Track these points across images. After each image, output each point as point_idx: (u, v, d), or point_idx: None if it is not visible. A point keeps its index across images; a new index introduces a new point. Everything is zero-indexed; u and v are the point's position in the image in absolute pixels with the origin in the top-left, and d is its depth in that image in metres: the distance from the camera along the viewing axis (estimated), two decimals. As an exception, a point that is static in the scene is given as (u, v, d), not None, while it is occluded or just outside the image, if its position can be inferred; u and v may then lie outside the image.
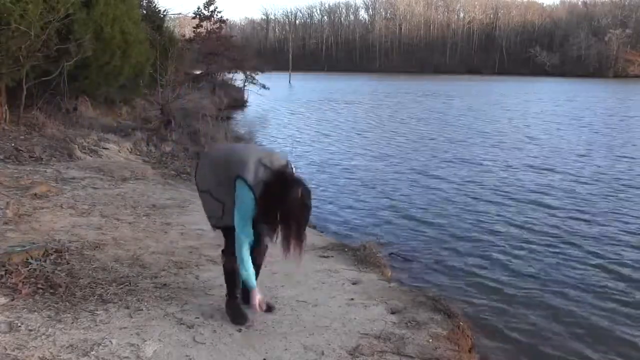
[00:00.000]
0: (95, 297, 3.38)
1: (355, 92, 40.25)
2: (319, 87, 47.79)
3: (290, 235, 2.77)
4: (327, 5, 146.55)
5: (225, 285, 3.30)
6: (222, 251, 3.22)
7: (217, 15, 27.17)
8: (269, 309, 3.35)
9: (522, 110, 25.19)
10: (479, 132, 17.06)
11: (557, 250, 6.17)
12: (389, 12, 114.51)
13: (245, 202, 2.83)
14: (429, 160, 12.19)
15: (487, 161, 11.97)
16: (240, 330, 3.12)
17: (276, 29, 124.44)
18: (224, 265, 3.23)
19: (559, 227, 7.02)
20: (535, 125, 19.03)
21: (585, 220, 7.35)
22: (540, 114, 23.53)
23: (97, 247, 4.30)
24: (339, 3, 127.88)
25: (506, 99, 33.05)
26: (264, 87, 28.48)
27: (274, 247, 3.04)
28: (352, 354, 2.95)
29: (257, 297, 3.07)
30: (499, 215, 7.58)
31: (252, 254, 3.17)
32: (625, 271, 5.57)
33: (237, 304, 3.27)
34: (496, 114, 23.35)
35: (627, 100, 32.21)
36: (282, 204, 2.73)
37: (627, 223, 7.22)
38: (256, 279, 3.39)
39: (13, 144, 7.80)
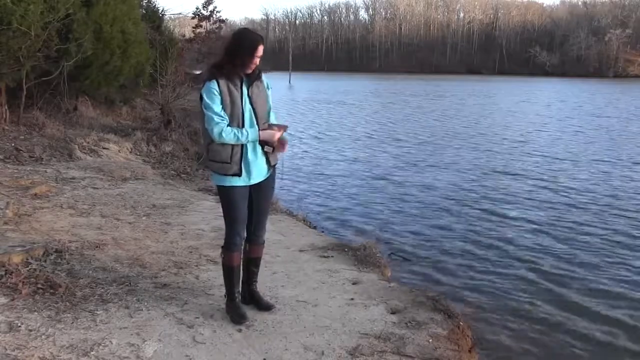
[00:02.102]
0: (95, 297, 3.38)
1: (354, 92, 40.29)
2: (319, 87, 47.82)
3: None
4: (327, 5, 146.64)
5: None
6: (222, 247, 3.23)
7: (216, 15, 27.12)
8: (268, 307, 3.38)
9: (511, 111, 25.05)
10: (467, 134, 17.06)
11: (557, 250, 6.17)
12: (389, 12, 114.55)
13: (207, 90, 3.01)
14: (429, 161, 12.19)
15: (483, 163, 11.98)
16: (240, 330, 3.13)
17: (276, 29, 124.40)
18: (222, 262, 3.25)
19: (559, 228, 7.03)
20: (521, 127, 18.85)
21: (584, 220, 7.36)
22: (527, 115, 23.41)
23: (97, 247, 4.30)
24: (339, 3, 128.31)
25: (496, 100, 32.98)
26: (264, 86, 28.41)
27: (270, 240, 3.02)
28: (352, 354, 2.95)
29: (274, 133, 3.08)
30: (499, 216, 7.58)
31: (249, 249, 3.28)
32: (625, 271, 5.57)
33: (236, 304, 3.27)
34: (485, 115, 23.33)
35: (619, 101, 32.14)
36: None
37: (614, 226, 7.23)
38: (256, 275, 3.39)
39: (13, 144, 7.80)
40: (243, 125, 3.03)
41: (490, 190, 9.14)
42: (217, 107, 2.99)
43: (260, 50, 3.02)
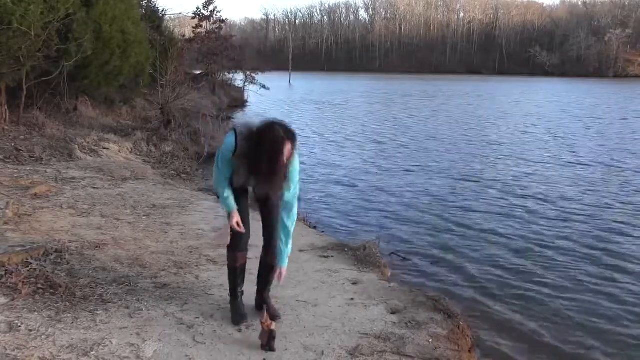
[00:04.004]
0: (95, 297, 3.38)
1: (351, 92, 40.28)
2: (319, 87, 47.84)
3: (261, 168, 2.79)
4: (327, 5, 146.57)
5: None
6: (228, 247, 3.22)
7: (216, 15, 27.12)
8: (275, 316, 3.26)
9: (494, 112, 24.84)
10: (460, 135, 17.07)
11: (557, 251, 6.17)
12: (389, 12, 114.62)
13: (226, 142, 2.94)
14: (429, 161, 12.20)
15: (479, 166, 11.99)
16: (240, 330, 3.13)
17: (276, 29, 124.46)
18: (227, 262, 3.26)
19: (560, 229, 7.03)
20: (501, 127, 18.74)
21: (587, 224, 7.37)
22: (508, 115, 23.30)
23: (97, 247, 4.30)
24: (339, 3, 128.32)
25: (487, 100, 32.79)
26: (264, 87, 28.45)
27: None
28: (352, 354, 2.95)
29: (235, 218, 3.04)
30: (499, 216, 7.58)
31: (263, 254, 3.26)
32: (625, 270, 5.57)
33: (237, 303, 3.27)
34: (474, 117, 23.29)
35: (610, 101, 32.03)
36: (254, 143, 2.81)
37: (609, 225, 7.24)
38: (268, 281, 3.31)
39: (13, 144, 7.80)
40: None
41: (490, 192, 9.14)
42: (226, 173, 2.98)
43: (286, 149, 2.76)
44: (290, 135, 2.78)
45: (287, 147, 2.76)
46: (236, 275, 3.24)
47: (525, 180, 10.01)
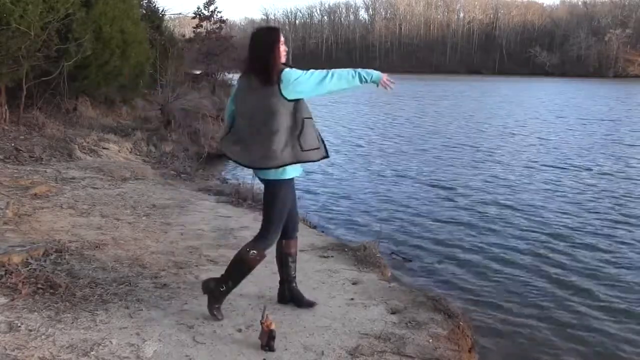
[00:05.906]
0: (95, 297, 3.38)
1: (350, 91, 40.25)
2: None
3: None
4: (327, 5, 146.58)
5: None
6: (255, 243, 3.09)
7: (217, 15, 27.10)
8: (310, 305, 3.44)
9: (485, 113, 24.81)
10: (470, 136, 17.07)
11: (558, 253, 6.17)
12: (389, 12, 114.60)
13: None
14: (429, 161, 12.20)
15: (480, 163, 11.99)
16: (240, 330, 3.12)
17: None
18: (247, 260, 3.08)
19: (561, 230, 7.03)
20: (490, 129, 18.69)
21: (586, 225, 7.37)
22: (493, 116, 23.32)
23: (97, 247, 4.30)
24: (339, 3, 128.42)
25: (477, 100, 32.87)
26: (263, 87, 28.39)
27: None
28: (352, 354, 2.95)
29: None
30: (499, 217, 7.59)
31: (285, 245, 3.28)
32: (626, 275, 5.57)
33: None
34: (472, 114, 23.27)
35: (603, 101, 31.96)
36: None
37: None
38: (295, 271, 3.41)
39: (13, 144, 7.80)
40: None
41: (489, 192, 9.14)
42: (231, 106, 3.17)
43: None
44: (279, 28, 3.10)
45: (280, 35, 2.95)
46: (249, 273, 3.15)
47: (524, 182, 10.01)
